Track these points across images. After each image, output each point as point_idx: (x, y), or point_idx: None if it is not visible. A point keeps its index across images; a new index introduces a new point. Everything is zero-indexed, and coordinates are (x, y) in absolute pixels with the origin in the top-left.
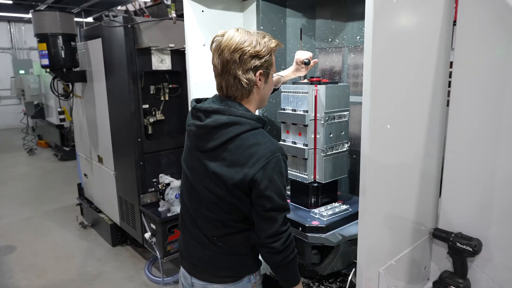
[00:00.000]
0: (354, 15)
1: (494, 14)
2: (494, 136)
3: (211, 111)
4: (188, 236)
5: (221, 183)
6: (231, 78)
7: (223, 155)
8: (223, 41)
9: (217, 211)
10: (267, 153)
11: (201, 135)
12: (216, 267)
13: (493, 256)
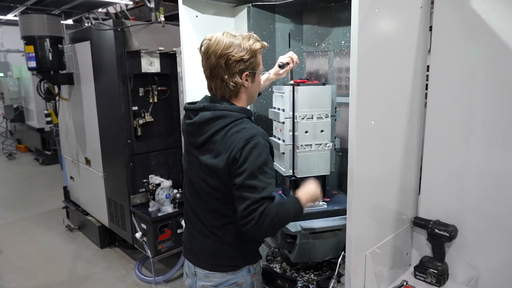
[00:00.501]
0: (339, 21)
1: (465, 21)
2: (467, 134)
3: (198, 109)
4: (191, 228)
5: (213, 173)
6: (219, 81)
7: (211, 147)
8: (210, 45)
9: (213, 202)
10: (247, 135)
11: (191, 131)
12: (217, 256)
13: (468, 240)
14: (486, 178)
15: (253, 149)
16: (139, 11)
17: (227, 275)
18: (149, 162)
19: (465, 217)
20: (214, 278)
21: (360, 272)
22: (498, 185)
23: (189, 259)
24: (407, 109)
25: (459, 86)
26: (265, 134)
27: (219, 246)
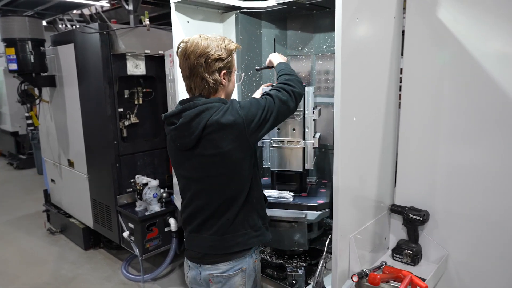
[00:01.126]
0: (320, 27)
1: (432, 29)
2: (436, 131)
3: (180, 112)
4: (194, 231)
5: (219, 159)
6: (198, 80)
7: (208, 140)
8: (188, 47)
9: (222, 191)
10: (234, 105)
11: (179, 135)
12: (224, 248)
13: (438, 223)
14: (453, 169)
15: (242, 104)
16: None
17: (233, 262)
18: (135, 162)
19: (435, 203)
20: (220, 266)
21: (345, 254)
22: (463, 175)
23: (194, 261)
24: (383, 107)
25: (429, 87)
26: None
27: (224, 238)
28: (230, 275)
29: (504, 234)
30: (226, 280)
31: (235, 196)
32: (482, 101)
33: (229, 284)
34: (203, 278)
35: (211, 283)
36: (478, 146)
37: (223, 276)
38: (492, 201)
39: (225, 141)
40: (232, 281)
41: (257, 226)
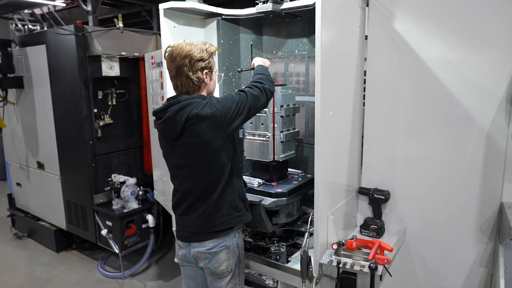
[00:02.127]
0: (293, 34)
1: (390, 38)
2: (394, 124)
3: (166, 107)
4: (183, 213)
5: (200, 147)
6: (184, 78)
7: (190, 131)
8: (173, 50)
9: (207, 174)
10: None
11: (166, 127)
12: (209, 227)
13: (397, 201)
14: (408, 157)
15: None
16: (69, 13)
17: (218, 240)
18: (111, 162)
19: (395, 184)
20: (207, 243)
21: (324, 229)
22: (416, 163)
23: (184, 240)
24: (352, 104)
25: (387, 87)
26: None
27: (214, 217)
28: (216, 251)
29: (447, 210)
30: (213, 256)
31: (218, 180)
32: (429, 100)
33: (215, 259)
34: (192, 255)
35: (199, 259)
36: (427, 140)
37: (209, 252)
38: (438, 183)
39: (205, 131)
40: (217, 257)
41: (239, 207)
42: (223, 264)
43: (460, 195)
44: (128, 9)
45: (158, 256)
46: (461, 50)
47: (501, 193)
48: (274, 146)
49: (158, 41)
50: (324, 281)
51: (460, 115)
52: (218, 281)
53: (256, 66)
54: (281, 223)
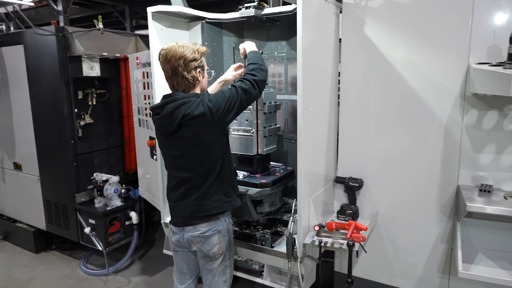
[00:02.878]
0: (272, 37)
1: (361, 42)
2: (365, 119)
3: (163, 105)
4: (178, 200)
5: (194, 140)
6: (180, 78)
7: (186, 126)
8: (168, 53)
9: (201, 163)
10: (206, 97)
11: (163, 123)
12: (202, 211)
13: (369, 188)
14: (378, 149)
15: (211, 96)
16: (36, 13)
17: (210, 224)
18: (92, 161)
19: (367, 173)
20: (200, 228)
21: (306, 213)
22: (385, 154)
23: (178, 224)
24: (328, 101)
25: (359, 86)
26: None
27: (207, 202)
28: (208, 235)
29: (413, 194)
30: (205, 239)
31: (211, 169)
32: (396, 98)
33: (208, 242)
34: (186, 240)
35: (193, 243)
36: (394, 133)
37: (203, 236)
38: (405, 171)
39: (199, 126)
40: (210, 240)
41: (229, 193)
42: (215, 247)
43: (423, 181)
44: (99, 10)
45: (141, 253)
46: (423, 53)
47: (458, 178)
48: (258, 141)
49: (138, 42)
50: (307, 262)
51: (422, 111)
52: (210, 263)
53: (248, 53)
54: (265, 211)
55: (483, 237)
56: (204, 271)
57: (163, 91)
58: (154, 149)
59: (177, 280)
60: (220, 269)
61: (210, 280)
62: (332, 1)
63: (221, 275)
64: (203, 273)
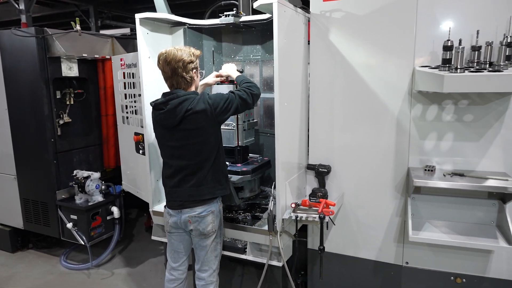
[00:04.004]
0: (247, 41)
1: (327, 47)
2: (331, 115)
3: (167, 101)
4: (175, 186)
5: (194, 132)
6: (179, 78)
7: (188, 120)
8: (167, 56)
9: (199, 154)
10: (204, 96)
11: (166, 117)
12: (199, 196)
13: (336, 173)
14: (343, 139)
15: (212, 97)
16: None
17: (205, 206)
18: (72, 159)
19: (334, 160)
20: (196, 209)
21: (283, 195)
22: (349, 143)
23: (176, 208)
24: (300, 97)
25: (326, 86)
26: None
27: (203, 188)
28: (203, 215)
29: (372, 177)
30: (201, 219)
31: (207, 158)
32: (356, 95)
33: (203, 222)
34: (183, 220)
35: (190, 223)
36: (355, 125)
37: (199, 216)
38: (365, 158)
39: (200, 120)
40: (205, 220)
41: (222, 181)
42: (209, 226)
43: (380, 165)
44: (61, 9)
45: (121, 248)
46: (378, 57)
47: (408, 161)
48: (238, 134)
49: (114, 44)
50: (285, 237)
51: (378, 106)
52: (204, 240)
53: (237, 77)
54: (246, 197)
55: (429, 210)
56: (198, 248)
57: (151, 90)
58: (140, 144)
59: (172, 259)
60: (213, 246)
61: (204, 256)
62: (301, 12)
63: (213, 251)
64: (196, 250)
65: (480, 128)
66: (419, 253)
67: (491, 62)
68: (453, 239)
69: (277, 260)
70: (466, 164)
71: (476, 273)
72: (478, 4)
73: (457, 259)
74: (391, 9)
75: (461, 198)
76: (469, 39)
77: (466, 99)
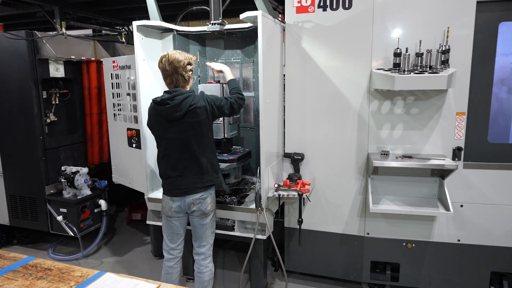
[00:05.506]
0: (229, 46)
1: (299, 52)
2: (304, 111)
3: (172, 97)
4: (178, 175)
5: (200, 123)
6: (179, 76)
7: (192, 113)
8: (170, 58)
9: (200, 145)
10: (203, 96)
11: (172, 111)
12: (201, 183)
13: (309, 160)
14: (314, 132)
15: (210, 97)
16: None
17: (205, 190)
18: (59, 156)
19: (307, 149)
20: (198, 193)
21: (266, 177)
22: (319, 135)
23: (181, 195)
24: (278, 96)
25: (299, 86)
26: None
27: (205, 176)
28: (205, 197)
29: (339, 162)
30: (203, 200)
31: (205, 149)
32: (325, 94)
33: (204, 202)
34: (187, 203)
35: (194, 204)
36: (325, 119)
37: (201, 198)
38: (333, 146)
39: (201, 114)
40: (205, 201)
41: (217, 170)
42: (209, 206)
43: (346, 152)
44: (24, 9)
45: (106, 240)
46: (342, 61)
47: (368, 148)
48: (224, 127)
49: (96, 46)
50: (268, 215)
51: (343, 103)
52: (204, 219)
53: (229, 81)
54: (231, 183)
55: (385, 188)
56: (198, 227)
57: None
58: (133, 138)
59: (170, 241)
60: (210, 223)
61: (203, 233)
62: (278, 23)
63: (210, 228)
64: (196, 229)
65: (423, 119)
66: (377, 224)
67: (430, 66)
68: (405, 209)
69: (261, 234)
70: (413, 149)
71: (423, 239)
72: (421, 19)
73: (408, 227)
74: (353, 22)
75: (410, 177)
76: (414, 47)
77: (412, 95)
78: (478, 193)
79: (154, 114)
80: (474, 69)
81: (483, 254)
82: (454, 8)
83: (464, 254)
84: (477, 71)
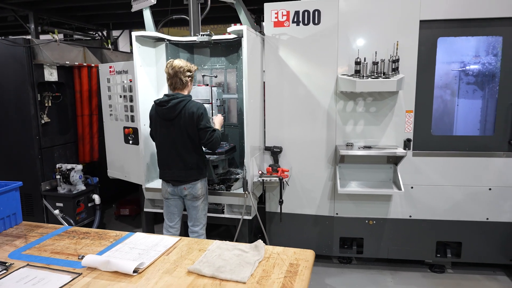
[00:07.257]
0: (214, 54)
1: (276, 60)
2: (281, 112)
3: (170, 99)
4: (172, 167)
5: (189, 126)
6: (177, 79)
7: (183, 114)
8: (173, 63)
9: (188, 143)
10: (198, 105)
11: (168, 112)
12: (197, 175)
13: (286, 153)
14: (290, 128)
15: (203, 112)
16: None
17: (197, 181)
18: (53, 154)
19: (284, 143)
20: (190, 182)
21: (251, 166)
22: (295, 131)
23: (176, 184)
24: (259, 98)
25: (277, 90)
26: (204, 105)
27: (188, 171)
28: (195, 183)
29: (311, 154)
30: (194, 185)
31: (190, 149)
32: (299, 97)
33: (195, 187)
34: (179, 189)
35: (185, 189)
36: (299, 118)
37: (192, 184)
38: (307, 141)
39: (189, 118)
40: (196, 186)
41: (202, 169)
42: (199, 190)
43: (317, 145)
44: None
45: None
46: (312, 67)
47: (335, 141)
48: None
49: (86, 52)
50: (253, 198)
51: (315, 104)
52: (196, 202)
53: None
54: (219, 173)
55: (350, 174)
56: (191, 209)
57: (143, 92)
58: (130, 136)
59: (168, 220)
60: (202, 206)
61: (196, 214)
62: (259, 35)
63: (202, 210)
64: (190, 211)
65: (380, 116)
66: (344, 205)
67: (384, 72)
68: (366, 190)
69: (248, 215)
70: (373, 141)
71: (382, 216)
72: (376, 34)
73: (369, 207)
74: (321, 35)
75: (370, 164)
76: (371, 57)
77: (371, 96)
78: (425, 176)
79: (154, 113)
80: (419, 74)
81: (430, 227)
82: (402, 25)
83: (415, 228)
84: (421, 76)
